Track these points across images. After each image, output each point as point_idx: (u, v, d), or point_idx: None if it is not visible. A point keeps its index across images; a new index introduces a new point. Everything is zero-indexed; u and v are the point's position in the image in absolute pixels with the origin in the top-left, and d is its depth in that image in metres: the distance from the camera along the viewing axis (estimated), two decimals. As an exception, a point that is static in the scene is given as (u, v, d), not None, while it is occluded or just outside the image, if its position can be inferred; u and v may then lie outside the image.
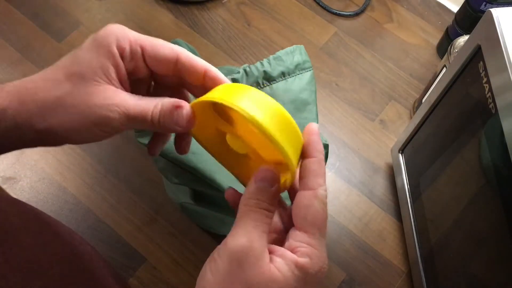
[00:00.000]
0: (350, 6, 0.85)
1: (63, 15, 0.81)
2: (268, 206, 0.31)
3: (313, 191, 0.31)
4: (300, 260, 0.30)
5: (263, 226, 0.30)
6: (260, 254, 0.29)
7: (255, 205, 0.31)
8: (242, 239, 0.29)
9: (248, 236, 0.30)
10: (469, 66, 0.48)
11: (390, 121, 0.75)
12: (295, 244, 0.31)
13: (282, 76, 0.51)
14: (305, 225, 0.31)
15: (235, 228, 0.31)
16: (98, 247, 0.63)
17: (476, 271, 0.47)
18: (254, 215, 0.31)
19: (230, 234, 0.30)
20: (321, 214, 0.31)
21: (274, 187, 0.32)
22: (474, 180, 0.46)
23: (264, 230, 0.30)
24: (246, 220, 0.31)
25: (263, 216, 0.31)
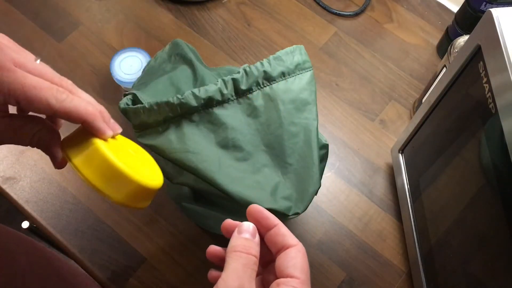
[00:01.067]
0: (350, 6, 0.85)
1: (63, 15, 0.81)
2: (254, 252, 0.34)
3: (295, 246, 0.35)
4: None
5: (252, 272, 0.33)
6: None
7: (243, 249, 0.34)
8: (234, 282, 0.32)
9: (239, 280, 0.32)
10: (469, 66, 0.48)
11: (390, 121, 0.75)
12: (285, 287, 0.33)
13: (282, 76, 0.51)
14: (295, 272, 0.34)
15: (226, 272, 0.33)
16: (98, 247, 0.63)
17: (476, 271, 0.47)
18: (243, 260, 0.33)
19: (221, 278, 0.32)
20: (306, 264, 0.35)
21: (256, 239, 0.35)
22: (474, 180, 0.46)
23: (251, 275, 0.33)
24: (236, 265, 0.33)
25: (250, 261, 0.33)
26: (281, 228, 0.36)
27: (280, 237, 0.35)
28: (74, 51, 0.77)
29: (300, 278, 0.33)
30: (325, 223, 0.67)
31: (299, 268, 0.34)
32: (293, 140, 0.51)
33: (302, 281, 0.33)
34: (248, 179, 0.49)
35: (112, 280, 0.62)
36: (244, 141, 0.50)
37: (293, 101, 0.51)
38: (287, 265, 0.34)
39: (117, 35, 0.79)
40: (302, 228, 0.67)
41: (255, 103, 0.50)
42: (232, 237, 0.35)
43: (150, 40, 0.79)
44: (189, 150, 0.48)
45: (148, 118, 0.48)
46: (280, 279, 0.34)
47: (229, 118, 0.49)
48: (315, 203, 0.68)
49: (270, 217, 0.36)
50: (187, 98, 0.48)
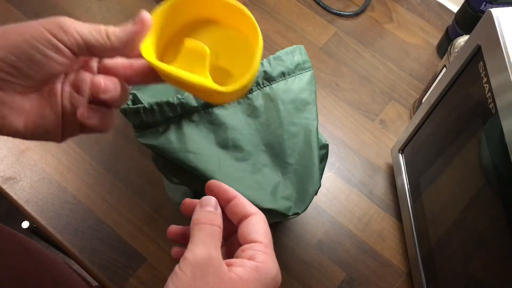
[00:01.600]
0: (350, 6, 0.85)
1: (63, 15, 0.80)
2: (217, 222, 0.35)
3: (255, 213, 0.36)
4: (260, 265, 0.33)
5: (216, 240, 0.34)
6: (219, 264, 0.32)
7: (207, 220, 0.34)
8: (202, 251, 0.32)
9: (206, 249, 0.32)
10: (469, 66, 0.48)
11: (390, 121, 0.75)
12: (252, 253, 0.34)
13: (282, 76, 0.51)
14: (258, 237, 0.35)
15: (192, 243, 0.33)
16: (98, 247, 0.63)
17: (476, 271, 0.47)
18: (209, 230, 0.34)
19: (188, 249, 0.33)
20: (268, 229, 0.36)
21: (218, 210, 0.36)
22: (474, 180, 0.46)
23: (217, 244, 0.33)
24: (202, 236, 0.33)
25: (215, 231, 0.34)
26: (240, 198, 0.37)
27: (240, 207, 0.36)
28: (74, 51, 0.77)
29: (263, 242, 0.34)
30: (325, 223, 0.67)
31: (261, 233, 0.35)
32: (293, 140, 0.51)
33: (265, 244, 0.34)
34: (248, 179, 0.50)
35: (112, 280, 0.62)
36: (244, 141, 0.50)
37: (293, 101, 0.51)
38: (250, 231, 0.35)
39: (117, 35, 0.79)
40: (302, 228, 0.67)
41: (255, 103, 0.50)
42: (195, 211, 0.36)
43: (150, 40, 0.79)
44: (189, 150, 0.48)
45: (148, 118, 0.48)
46: (244, 245, 0.35)
47: (229, 118, 0.49)
48: (315, 203, 0.68)
49: (229, 190, 0.37)
50: (187, 98, 0.48)
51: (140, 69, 0.35)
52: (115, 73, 0.35)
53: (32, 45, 0.30)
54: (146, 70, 0.35)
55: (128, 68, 0.35)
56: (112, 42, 0.32)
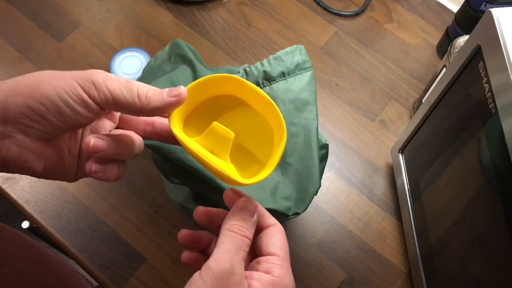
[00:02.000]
0: (350, 6, 0.85)
1: (63, 15, 0.81)
2: (249, 234, 0.33)
3: (274, 225, 0.35)
4: (276, 279, 0.33)
5: (243, 253, 0.33)
6: (241, 279, 0.32)
7: (239, 231, 0.33)
8: (226, 263, 0.31)
9: (230, 262, 0.32)
10: (469, 66, 0.48)
11: (390, 121, 0.75)
12: (268, 266, 0.33)
13: (282, 76, 0.51)
14: (275, 250, 0.34)
15: (218, 250, 0.32)
16: (98, 247, 0.63)
17: (476, 271, 0.47)
18: (237, 241, 0.33)
19: (213, 257, 0.32)
20: (285, 241, 0.35)
21: (254, 218, 0.34)
22: (474, 180, 0.46)
23: (243, 257, 0.33)
24: (229, 246, 0.32)
25: (244, 243, 0.33)
26: (260, 209, 0.36)
27: (260, 217, 0.35)
28: (74, 51, 0.77)
29: (280, 256, 0.34)
30: (325, 223, 0.67)
31: (278, 246, 0.34)
32: (293, 140, 0.51)
33: (282, 258, 0.34)
34: (248, 179, 0.49)
35: (112, 280, 0.62)
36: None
37: (293, 101, 0.51)
38: (267, 243, 0.34)
39: (117, 35, 0.79)
40: (302, 228, 0.67)
41: (255, 103, 0.50)
42: (230, 215, 0.34)
43: (150, 40, 0.79)
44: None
45: (148, 118, 0.48)
46: (260, 257, 0.34)
47: (229, 118, 0.49)
48: (315, 203, 0.68)
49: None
50: (187, 98, 0.48)
51: (161, 130, 0.36)
52: (135, 127, 0.36)
53: (62, 99, 0.30)
54: (166, 133, 0.36)
55: (149, 125, 0.36)
56: (142, 104, 0.32)
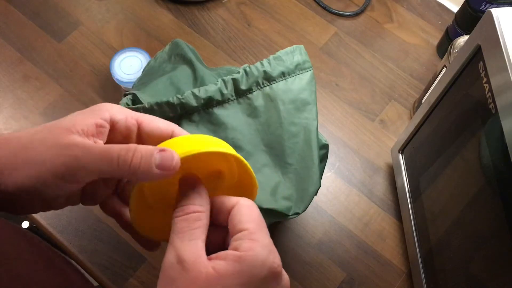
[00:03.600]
0: (350, 6, 0.85)
1: (63, 15, 0.81)
2: (192, 208, 0.30)
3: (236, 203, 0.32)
4: (243, 254, 0.29)
5: (192, 233, 0.30)
6: (192, 264, 0.29)
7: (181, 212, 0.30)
8: (170, 255, 0.29)
9: (175, 251, 0.29)
10: (469, 66, 0.48)
11: (390, 121, 0.75)
12: (236, 243, 0.30)
13: (282, 76, 0.51)
14: (242, 225, 0.31)
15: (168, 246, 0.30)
16: (98, 247, 0.63)
17: (476, 271, 0.47)
18: (178, 225, 0.30)
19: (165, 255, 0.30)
20: (253, 212, 0.32)
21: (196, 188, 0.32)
22: (474, 180, 0.46)
23: (191, 238, 0.29)
24: (172, 235, 0.30)
25: (188, 222, 0.30)
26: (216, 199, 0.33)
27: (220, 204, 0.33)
28: (74, 51, 0.77)
29: (249, 228, 0.31)
30: (325, 223, 0.67)
31: (244, 220, 0.31)
32: (293, 140, 0.51)
33: (250, 231, 0.31)
34: (248, 179, 0.49)
35: (112, 280, 0.62)
36: (244, 141, 0.50)
37: (293, 101, 0.51)
38: (234, 224, 0.31)
39: (117, 35, 0.79)
40: (302, 228, 0.67)
41: (255, 103, 0.50)
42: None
43: (150, 40, 0.79)
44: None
45: (148, 118, 0.48)
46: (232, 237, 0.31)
47: (229, 118, 0.49)
48: (315, 203, 0.68)
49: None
50: (187, 98, 0.48)
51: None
52: None
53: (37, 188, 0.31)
54: None
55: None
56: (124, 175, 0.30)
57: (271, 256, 0.31)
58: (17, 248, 0.36)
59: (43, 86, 0.74)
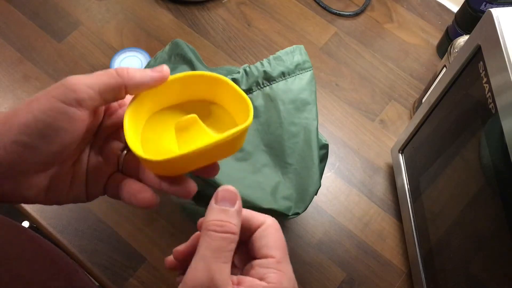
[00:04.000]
0: (350, 6, 0.85)
1: (63, 15, 0.81)
2: (232, 228, 0.29)
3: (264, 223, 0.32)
4: (271, 286, 0.29)
5: (225, 256, 0.29)
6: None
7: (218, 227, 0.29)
8: (202, 275, 0.28)
9: (208, 271, 0.28)
10: (469, 66, 0.48)
11: (390, 121, 0.75)
12: (263, 271, 0.30)
13: (282, 76, 0.51)
14: (268, 251, 0.30)
15: (195, 259, 0.29)
16: (98, 247, 0.63)
17: (476, 271, 0.47)
18: (215, 242, 0.29)
19: (190, 268, 0.28)
20: (279, 238, 0.31)
21: (235, 207, 0.30)
22: (474, 180, 0.46)
23: (225, 260, 0.28)
24: (205, 251, 0.28)
25: (226, 242, 0.29)
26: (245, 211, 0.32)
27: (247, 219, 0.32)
28: (74, 51, 0.77)
29: (276, 257, 0.30)
30: (325, 223, 0.67)
31: (272, 246, 0.30)
32: (293, 140, 0.51)
33: (277, 259, 0.30)
34: (248, 179, 0.50)
35: (112, 280, 0.62)
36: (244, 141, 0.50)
37: (293, 101, 0.51)
38: (260, 245, 0.31)
39: (117, 35, 0.79)
40: (302, 228, 0.67)
41: (255, 103, 0.50)
42: (208, 208, 0.30)
43: (150, 40, 0.79)
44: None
45: (148, 118, 0.48)
46: (254, 261, 0.31)
47: (229, 118, 0.49)
48: (315, 203, 0.68)
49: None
50: (187, 98, 0.48)
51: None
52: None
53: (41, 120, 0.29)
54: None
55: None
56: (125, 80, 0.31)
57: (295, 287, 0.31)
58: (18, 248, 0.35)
59: (43, 86, 0.74)
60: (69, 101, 0.29)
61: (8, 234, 0.36)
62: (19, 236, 0.37)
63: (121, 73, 0.31)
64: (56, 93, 0.29)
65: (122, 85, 0.31)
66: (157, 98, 0.34)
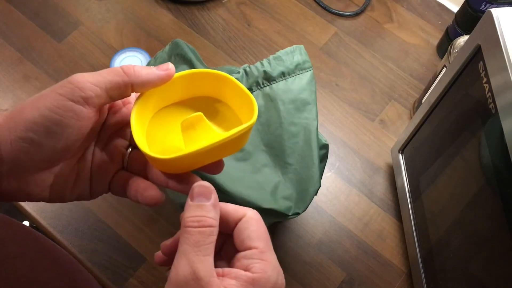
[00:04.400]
0: (350, 6, 0.85)
1: (63, 15, 0.81)
2: (208, 221, 0.30)
3: (244, 216, 0.32)
4: (256, 276, 0.29)
5: (206, 248, 0.29)
6: (208, 283, 0.28)
7: (195, 222, 0.30)
8: (183, 268, 0.28)
9: (190, 265, 0.28)
10: (469, 66, 0.48)
11: (390, 121, 0.75)
12: (247, 262, 0.30)
13: (282, 76, 0.51)
14: (251, 242, 0.31)
15: (177, 255, 0.29)
16: (98, 247, 0.63)
17: (476, 271, 0.47)
18: (194, 237, 0.29)
19: (173, 265, 0.29)
20: (261, 229, 0.32)
21: (211, 201, 0.31)
22: (474, 180, 0.46)
23: (206, 253, 0.29)
24: (185, 246, 0.29)
25: (204, 236, 0.29)
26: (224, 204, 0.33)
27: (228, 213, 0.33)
28: (74, 51, 0.77)
29: (259, 247, 0.31)
30: (325, 223, 0.67)
31: (254, 237, 0.31)
32: (293, 140, 0.51)
33: (261, 250, 0.31)
34: (248, 179, 0.50)
35: (112, 280, 0.62)
36: (246, 140, 0.50)
37: (293, 101, 0.51)
38: (242, 237, 0.31)
39: (117, 35, 0.79)
40: (302, 228, 0.67)
41: (255, 103, 0.50)
42: (185, 206, 0.31)
43: (150, 40, 0.79)
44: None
45: (148, 118, 0.48)
46: (239, 254, 0.31)
47: (229, 118, 0.49)
48: (315, 203, 0.68)
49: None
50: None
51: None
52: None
53: (48, 117, 0.29)
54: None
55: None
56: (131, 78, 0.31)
57: (280, 278, 0.31)
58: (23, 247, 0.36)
59: (43, 86, 0.74)
60: (76, 98, 0.30)
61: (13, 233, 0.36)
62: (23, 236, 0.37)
63: (127, 71, 0.31)
64: (63, 91, 0.30)
65: (128, 83, 0.31)
66: (162, 95, 0.35)
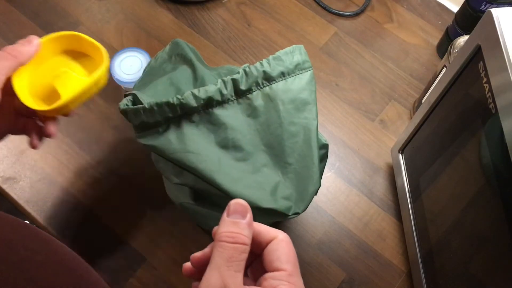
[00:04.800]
0: (350, 6, 0.85)
1: (63, 15, 0.81)
2: (242, 239, 0.31)
3: (275, 238, 0.33)
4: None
5: (238, 265, 0.30)
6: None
7: (229, 238, 0.31)
8: (216, 281, 0.29)
9: (222, 279, 0.29)
10: (469, 66, 0.48)
11: (390, 121, 0.75)
12: (275, 283, 0.31)
13: (281, 76, 0.51)
14: (280, 265, 0.32)
15: (209, 268, 0.30)
16: (98, 247, 0.63)
17: (476, 271, 0.47)
18: (227, 252, 0.30)
19: (205, 275, 0.30)
20: (291, 252, 0.33)
21: (246, 219, 0.32)
22: (474, 180, 0.46)
23: (237, 269, 0.30)
24: (218, 260, 0.30)
25: (238, 252, 0.30)
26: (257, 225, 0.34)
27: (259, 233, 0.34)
28: (74, 51, 0.77)
29: (287, 270, 0.32)
30: (325, 223, 0.67)
31: (283, 259, 0.32)
32: (293, 140, 0.51)
33: (289, 272, 0.32)
34: (248, 179, 0.49)
35: (112, 280, 0.62)
36: (244, 141, 0.50)
37: (293, 101, 0.51)
38: (272, 259, 0.32)
39: (117, 35, 0.79)
40: (302, 228, 0.67)
41: (254, 103, 0.50)
42: (220, 222, 0.32)
43: (150, 40, 0.79)
44: (189, 150, 0.48)
45: (148, 119, 0.48)
46: (267, 274, 0.32)
47: (229, 119, 0.49)
48: (315, 203, 0.68)
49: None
50: (187, 98, 0.48)
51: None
52: None
53: None
54: None
55: None
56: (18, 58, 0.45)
57: None
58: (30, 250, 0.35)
59: (43, 86, 0.74)
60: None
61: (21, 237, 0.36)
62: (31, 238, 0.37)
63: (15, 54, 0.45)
64: None
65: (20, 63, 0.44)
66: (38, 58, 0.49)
